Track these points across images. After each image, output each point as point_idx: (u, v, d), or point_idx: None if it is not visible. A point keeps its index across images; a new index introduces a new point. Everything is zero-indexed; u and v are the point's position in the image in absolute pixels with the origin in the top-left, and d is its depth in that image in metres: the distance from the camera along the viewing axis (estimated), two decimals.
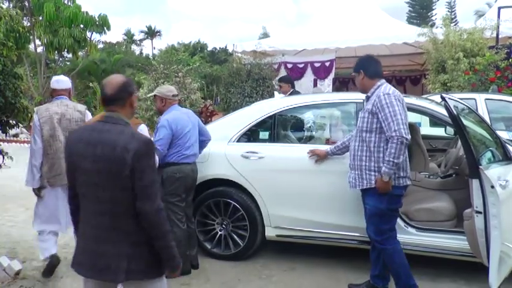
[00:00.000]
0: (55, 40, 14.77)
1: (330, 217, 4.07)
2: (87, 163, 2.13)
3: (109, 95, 2.21)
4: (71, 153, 2.21)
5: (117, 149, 2.08)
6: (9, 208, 6.57)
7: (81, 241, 2.27)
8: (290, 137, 4.58)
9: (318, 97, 4.75)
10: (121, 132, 2.14)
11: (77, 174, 2.19)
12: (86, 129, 2.33)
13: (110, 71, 25.08)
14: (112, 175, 2.09)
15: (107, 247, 2.17)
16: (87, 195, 2.19)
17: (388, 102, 3.28)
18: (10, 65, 4.18)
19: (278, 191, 4.17)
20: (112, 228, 2.16)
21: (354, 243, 4.10)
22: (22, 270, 4.19)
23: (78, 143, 2.18)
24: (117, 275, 2.16)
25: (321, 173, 4.08)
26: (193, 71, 12.06)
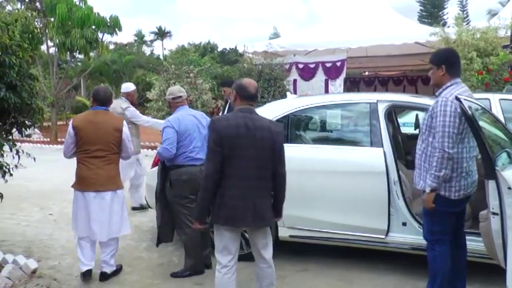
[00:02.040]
0: (67, 41, 14.91)
1: (345, 218, 4.08)
2: (248, 142, 2.97)
3: (254, 93, 3.12)
4: (230, 136, 2.94)
5: (272, 131, 3.06)
6: (24, 208, 6.65)
7: (235, 201, 3.00)
8: (304, 138, 4.58)
9: (331, 97, 4.75)
10: (263, 119, 3.13)
11: (234, 151, 2.94)
12: (237, 117, 3.03)
13: (121, 71, 25.28)
14: (267, 149, 3.02)
15: (262, 202, 3.06)
16: (245, 166, 2.99)
17: (441, 110, 3.14)
18: (26, 66, 4.23)
19: (293, 192, 4.12)
20: (265, 189, 3.09)
21: (368, 245, 4.09)
22: (38, 269, 4.25)
23: (237, 128, 2.96)
24: (268, 222, 3.16)
25: (335, 174, 4.09)
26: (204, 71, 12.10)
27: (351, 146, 4.33)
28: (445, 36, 9.43)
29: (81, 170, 3.98)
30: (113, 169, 4.04)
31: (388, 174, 3.97)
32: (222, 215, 3.02)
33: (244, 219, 3.04)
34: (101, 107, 4.07)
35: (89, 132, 3.91)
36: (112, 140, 3.99)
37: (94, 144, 3.92)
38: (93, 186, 3.91)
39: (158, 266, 4.43)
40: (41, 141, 15.57)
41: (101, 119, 3.98)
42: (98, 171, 3.92)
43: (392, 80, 16.09)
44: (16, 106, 3.83)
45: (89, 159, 3.94)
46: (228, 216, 3.01)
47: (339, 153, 4.23)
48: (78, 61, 25.19)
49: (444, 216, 3.28)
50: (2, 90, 3.51)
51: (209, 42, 40.34)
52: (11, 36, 3.82)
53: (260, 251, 3.24)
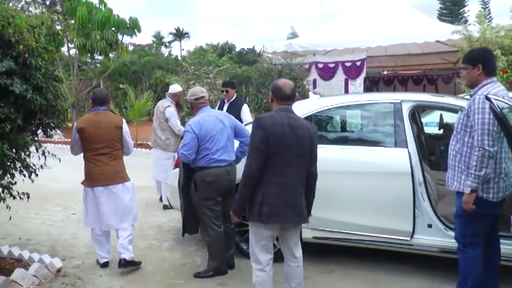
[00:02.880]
0: (88, 43, 15.12)
1: (369, 219, 4.04)
2: (292, 140, 3.04)
3: (289, 93, 3.18)
4: (276, 134, 3.00)
5: (310, 131, 3.15)
6: (47, 207, 6.76)
7: (278, 198, 3.05)
8: (327, 138, 4.54)
9: (355, 98, 4.70)
10: (302, 119, 3.26)
11: (278, 149, 3.00)
12: (280, 116, 3.10)
13: (140, 72, 25.50)
14: (306, 148, 3.11)
15: (301, 200, 3.16)
16: (288, 164, 3.05)
17: (479, 108, 3.06)
18: (51, 68, 4.28)
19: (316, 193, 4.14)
20: (302, 187, 3.16)
21: (393, 246, 4.04)
22: (63, 268, 4.31)
23: (282, 126, 3.03)
24: (305, 219, 3.26)
25: (359, 175, 4.05)
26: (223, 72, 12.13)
27: (375, 146, 4.28)
28: (468, 34, 9.27)
29: (89, 167, 4.28)
30: (118, 164, 4.34)
31: (413, 175, 3.91)
32: (265, 213, 3.05)
33: (286, 216, 3.11)
34: (101, 107, 4.37)
35: (92, 132, 4.21)
36: (115, 137, 4.31)
37: (99, 142, 4.22)
38: (102, 181, 4.22)
39: (181, 266, 4.45)
40: (62, 142, 15.79)
41: (103, 119, 4.29)
42: (104, 167, 4.23)
43: (412, 79, 15.89)
44: (42, 107, 3.88)
45: (96, 156, 4.24)
46: (272, 213, 3.05)
47: (362, 153, 4.19)
48: (98, 62, 25.52)
49: (479, 219, 3.19)
50: (28, 92, 3.55)
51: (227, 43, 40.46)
52: (37, 38, 3.87)
53: (292, 249, 3.29)
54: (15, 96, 3.46)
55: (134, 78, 25.54)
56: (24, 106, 3.63)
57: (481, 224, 3.22)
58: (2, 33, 3.46)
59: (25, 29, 3.71)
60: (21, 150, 4.04)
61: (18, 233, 5.48)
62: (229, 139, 4.13)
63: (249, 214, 3.14)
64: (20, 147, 3.94)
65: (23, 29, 3.68)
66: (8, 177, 3.98)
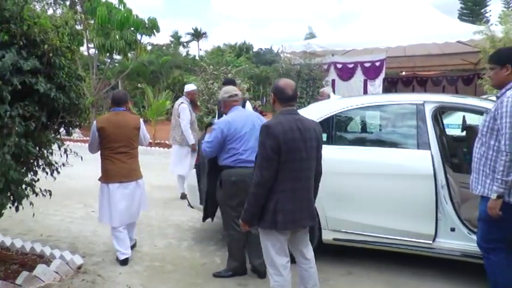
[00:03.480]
0: (107, 43, 15.28)
1: (390, 222, 3.99)
2: (301, 144, 2.96)
3: (292, 94, 3.09)
4: (287, 141, 2.91)
5: (316, 131, 3.09)
6: (67, 205, 6.85)
7: (292, 204, 2.99)
8: (348, 139, 4.51)
9: (376, 98, 4.65)
10: (308, 120, 3.13)
11: (290, 155, 2.92)
12: (288, 120, 3.00)
13: (158, 72, 25.69)
14: (314, 149, 3.06)
15: (312, 202, 3.14)
16: (298, 169, 2.98)
17: (508, 111, 2.97)
18: (74, 67, 4.33)
19: (337, 194, 4.12)
20: (312, 188, 3.12)
21: (415, 250, 3.98)
22: (83, 265, 4.35)
23: (292, 131, 2.94)
24: (316, 221, 3.33)
25: (380, 177, 4.01)
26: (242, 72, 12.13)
27: (397, 148, 4.23)
28: (491, 35, 9.09)
29: (106, 165, 4.48)
30: (134, 162, 4.57)
31: (435, 177, 3.85)
32: (280, 220, 2.97)
33: (301, 221, 3.07)
34: (119, 107, 4.55)
35: (111, 131, 4.39)
36: (132, 137, 4.53)
37: (117, 141, 4.42)
38: (117, 178, 4.43)
39: (201, 265, 4.45)
40: (81, 140, 16.00)
41: (121, 119, 4.48)
42: (121, 165, 4.44)
43: (431, 80, 15.68)
44: (65, 106, 3.92)
45: (114, 154, 4.44)
46: (287, 220, 2.99)
47: (384, 155, 4.14)
48: (116, 62, 25.78)
49: (504, 224, 3.12)
50: (52, 91, 3.59)
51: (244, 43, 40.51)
52: (61, 38, 3.92)
53: (303, 251, 3.24)
54: (39, 94, 3.50)
55: (152, 78, 25.74)
56: (47, 105, 3.68)
57: (505, 229, 3.14)
58: (28, 32, 3.50)
59: (50, 28, 3.75)
60: (44, 148, 4.10)
61: (40, 230, 5.57)
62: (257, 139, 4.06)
63: (261, 222, 3.05)
64: (43, 145, 3.99)
65: (48, 28, 3.73)
66: (31, 174, 4.03)
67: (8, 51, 3.26)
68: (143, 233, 5.39)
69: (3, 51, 3.25)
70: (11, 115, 3.20)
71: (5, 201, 3.50)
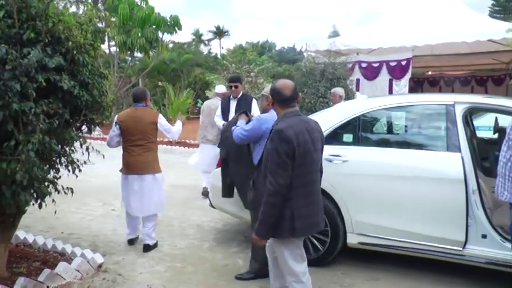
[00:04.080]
0: (128, 40, 15.45)
1: (418, 227, 3.92)
2: (311, 146, 2.92)
3: (291, 95, 3.01)
4: (300, 144, 2.84)
5: (320, 132, 3.08)
6: (87, 203, 6.94)
7: (308, 209, 2.95)
8: (375, 140, 4.44)
9: (405, 98, 4.57)
10: (312, 120, 3.12)
11: (303, 159, 2.86)
12: (297, 123, 2.94)
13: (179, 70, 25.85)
14: (320, 150, 3.06)
15: (322, 203, 3.13)
16: (310, 172, 2.94)
17: None
18: (97, 64, 4.37)
19: (362, 197, 4.07)
20: (320, 191, 3.11)
21: (444, 256, 3.89)
22: (103, 263, 4.39)
23: (303, 134, 2.88)
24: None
25: (408, 179, 3.93)
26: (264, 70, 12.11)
27: (425, 150, 4.14)
28: None
29: (125, 157, 4.86)
30: (151, 155, 4.86)
31: (466, 182, 3.76)
32: (299, 228, 2.91)
33: (318, 224, 3.08)
34: (139, 103, 4.91)
35: (130, 125, 4.76)
36: (149, 131, 4.83)
37: (134, 134, 4.77)
38: (135, 170, 4.79)
39: (222, 267, 4.45)
40: (101, 138, 16.22)
41: (140, 114, 4.84)
42: (138, 157, 4.78)
43: (459, 80, 15.37)
44: (87, 103, 3.96)
45: (131, 147, 4.81)
46: (305, 226, 2.96)
47: (411, 157, 4.06)
48: (137, 60, 26.05)
49: None
50: (76, 88, 3.63)
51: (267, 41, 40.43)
52: (84, 35, 3.96)
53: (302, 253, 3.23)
54: (63, 92, 3.54)
55: (173, 76, 25.89)
56: (71, 102, 3.72)
57: None
58: (53, 30, 3.55)
59: (74, 26, 3.80)
60: (67, 146, 4.15)
61: (61, 227, 5.66)
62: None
63: (278, 231, 2.94)
64: (65, 143, 4.04)
65: (72, 26, 3.77)
66: (53, 171, 4.09)
67: (34, 48, 3.31)
68: (164, 233, 5.42)
69: (28, 48, 3.30)
70: (36, 112, 3.24)
71: (29, 198, 3.56)
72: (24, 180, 3.20)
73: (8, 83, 3.08)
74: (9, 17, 3.32)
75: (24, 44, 3.33)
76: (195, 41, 45.14)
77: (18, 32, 3.32)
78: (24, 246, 4.73)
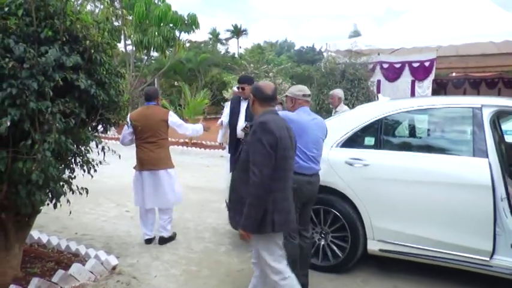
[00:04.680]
0: (144, 39, 15.57)
1: (442, 234, 3.84)
2: (289, 142, 3.05)
3: (271, 94, 3.19)
4: (282, 137, 2.96)
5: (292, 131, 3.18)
6: (101, 203, 7.01)
7: (287, 204, 3.05)
8: (398, 144, 4.38)
9: (428, 101, 4.49)
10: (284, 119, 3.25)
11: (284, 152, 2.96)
12: (278, 119, 3.10)
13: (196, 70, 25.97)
14: (295, 149, 3.19)
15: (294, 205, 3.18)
16: (288, 167, 3.06)
17: None
18: (114, 63, 4.41)
19: (384, 202, 4.02)
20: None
21: (469, 266, 3.81)
22: (118, 266, 4.42)
23: (283, 129, 3.03)
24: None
25: (432, 185, 3.87)
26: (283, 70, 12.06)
27: (449, 154, 4.07)
28: None
29: (138, 154, 5.17)
30: (162, 152, 5.17)
31: (494, 188, 3.68)
32: (278, 222, 2.97)
33: (294, 222, 3.17)
34: (151, 102, 5.23)
35: (141, 123, 5.02)
36: (160, 128, 5.15)
37: (146, 132, 5.07)
38: (148, 166, 5.08)
39: (238, 272, 4.44)
40: (115, 138, 16.36)
41: (150, 112, 5.15)
42: (150, 153, 5.07)
43: (486, 82, 15.12)
44: (104, 103, 3.99)
45: (143, 144, 5.12)
46: (283, 221, 3.01)
47: (435, 161, 3.99)
48: (153, 59, 26.26)
49: None
50: (92, 87, 3.66)
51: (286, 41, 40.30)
52: (101, 34, 3.99)
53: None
54: (79, 91, 3.58)
55: (189, 76, 26.02)
56: (87, 101, 3.76)
57: None
58: (71, 28, 3.59)
59: (91, 24, 3.84)
60: (82, 145, 4.19)
61: (75, 228, 5.73)
62: (320, 148, 3.88)
63: (260, 227, 2.95)
64: (81, 142, 4.08)
65: (89, 24, 3.81)
66: (68, 171, 4.13)
67: (51, 47, 3.35)
68: (179, 236, 5.45)
69: (46, 47, 3.34)
70: (52, 111, 3.28)
71: (44, 198, 3.60)
72: (40, 180, 3.24)
73: (26, 82, 3.12)
74: (27, 15, 3.36)
75: (42, 43, 3.37)
76: (212, 40, 45.29)
77: (36, 31, 3.35)
78: (38, 246, 4.81)
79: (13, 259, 3.88)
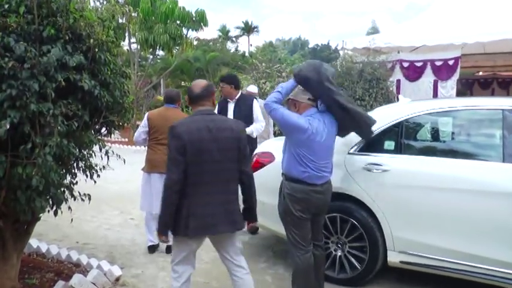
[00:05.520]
0: (150, 37, 15.65)
1: (470, 246, 3.80)
2: (212, 145, 3.10)
3: (199, 93, 3.29)
4: (193, 141, 3.06)
5: (234, 129, 3.22)
6: (104, 210, 7.06)
7: (204, 209, 3.14)
8: (420, 148, 4.36)
9: (453, 102, 4.46)
10: (225, 119, 3.40)
11: (198, 157, 3.07)
12: (196, 120, 3.19)
13: (204, 69, 26.04)
14: (233, 150, 3.19)
15: (232, 206, 3.26)
16: (211, 171, 3.13)
17: None
18: (119, 63, 4.44)
19: (406, 211, 4.00)
20: (233, 192, 3.27)
21: (500, 282, 3.75)
22: (121, 276, 4.45)
23: (198, 131, 3.10)
24: (240, 226, 3.34)
25: (458, 192, 3.83)
26: None
27: (476, 160, 4.04)
28: None
29: (149, 155, 5.32)
30: None
31: None
32: (192, 226, 3.13)
33: (215, 226, 3.20)
34: (170, 104, 5.44)
35: (159, 123, 5.22)
36: None
37: (161, 133, 5.16)
38: (158, 169, 5.12)
39: None
40: (119, 141, 16.45)
41: (170, 114, 5.25)
42: (163, 156, 4.88)
43: None
44: (108, 104, 4.02)
45: (156, 145, 5.27)
46: (199, 226, 3.15)
47: (460, 167, 3.95)
48: (159, 59, 26.38)
49: None
50: (96, 88, 3.68)
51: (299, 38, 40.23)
52: (106, 32, 4.02)
53: (233, 258, 3.41)
54: (83, 92, 3.60)
55: (197, 75, 26.06)
56: (90, 103, 3.78)
57: None
58: (74, 26, 3.61)
59: (95, 22, 3.87)
60: (85, 149, 4.22)
61: (76, 236, 5.77)
62: (329, 150, 3.78)
63: (174, 229, 3.19)
64: (84, 146, 4.11)
65: (94, 22, 3.84)
66: (70, 177, 4.17)
67: (54, 46, 3.37)
68: None
69: (48, 45, 3.36)
70: (54, 113, 3.29)
71: (45, 205, 3.63)
72: (41, 186, 3.25)
73: (26, 83, 3.13)
74: (29, 12, 3.38)
75: (44, 41, 3.39)
76: (222, 38, 45.33)
77: (38, 29, 3.37)
78: (37, 255, 4.84)
79: (11, 269, 3.90)
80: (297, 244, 3.75)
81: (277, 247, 5.39)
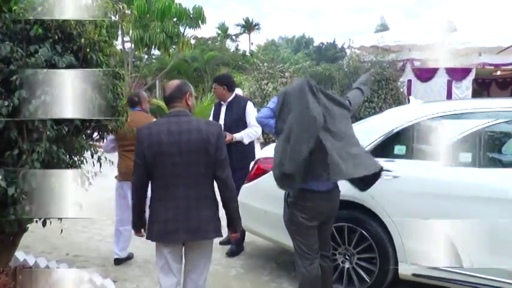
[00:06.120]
0: (145, 36, 15.68)
1: (492, 260, 3.76)
2: (173, 148, 3.12)
3: (169, 94, 3.34)
4: (152, 145, 3.14)
5: (203, 131, 3.18)
6: (96, 220, 7.02)
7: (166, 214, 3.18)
8: (434, 154, 4.35)
9: (473, 104, 4.45)
10: (194, 120, 3.27)
11: (157, 160, 3.14)
12: (160, 123, 3.28)
13: (202, 70, 26.07)
14: (201, 153, 3.16)
15: (197, 212, 3.20)
16: (175, 175, 3.15)
17: None
18: (112, 64, 4.44)
19: (418, 220, 3.98)
20: (201, 197, 3.22)
21: None
22: None
23: (158, 135, 3.15)
24: (205, 235, 3.26)
25: (477, 201, 3.81)
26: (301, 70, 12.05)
27: (495, 167, 4.05)
28: None
29: (118, 163, 5.28)
30: None
31: None
32: (155, 231, 3.23)
33: (176, 233, 3.21)
34: (134, 108, 5.38)
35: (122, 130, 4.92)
36: None
37: (127, 139, 4.99)
38: (126, 176, 5.03)
39: None
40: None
41: (134, 118, 4.98)
42: (130, 163, 4.75)
43: None
44: (100, 108, 4.03)
45: (124, 152, 5.25)
46: (160, 231, 3.22)
47: (477, 174, 3.96)
48: (154, 58, 26.44)
49: None
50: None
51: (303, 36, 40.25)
52: (98, 31, 4.03)
53: (190, 271, 3.38)
54: None
55: (195, 76, 26.16)
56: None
57: None
58: (64, 25, 3.61)
59: (87, 20, 3.87)
60: (75, 156, 4.22)
61: (66, 248, 5.77)
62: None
63: (147, 234, 3.34)
64: (75, 152, 4.11)
65: (85, 20, 3.85)
66: None
67: (42, 46, 3.37)
68: None
69: (36, 46, 3.37)
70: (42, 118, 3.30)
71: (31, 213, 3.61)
72: None
73: None
74: None
75: (31, 41, 3.39)
76: (221, 36, 45.36)
77: (25, 28, 3.38)
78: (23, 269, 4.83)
79: None
80: (303, 254, 3.73)
81: (280, 259, 5.38)
